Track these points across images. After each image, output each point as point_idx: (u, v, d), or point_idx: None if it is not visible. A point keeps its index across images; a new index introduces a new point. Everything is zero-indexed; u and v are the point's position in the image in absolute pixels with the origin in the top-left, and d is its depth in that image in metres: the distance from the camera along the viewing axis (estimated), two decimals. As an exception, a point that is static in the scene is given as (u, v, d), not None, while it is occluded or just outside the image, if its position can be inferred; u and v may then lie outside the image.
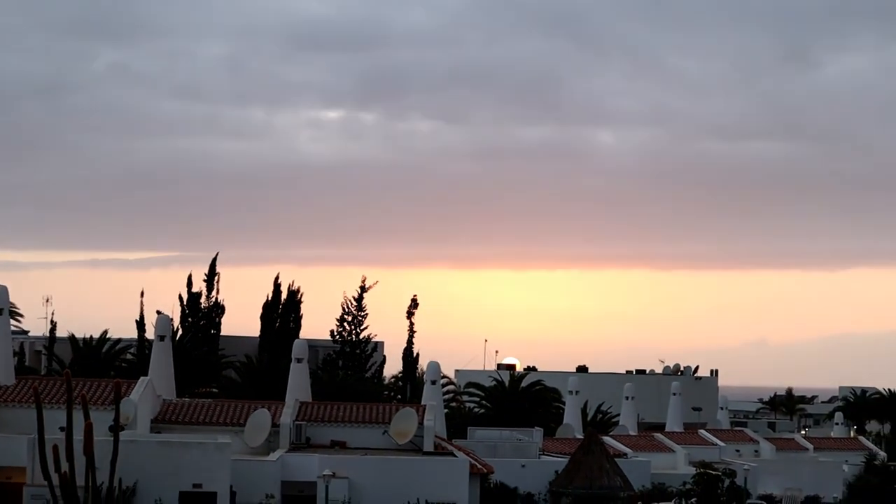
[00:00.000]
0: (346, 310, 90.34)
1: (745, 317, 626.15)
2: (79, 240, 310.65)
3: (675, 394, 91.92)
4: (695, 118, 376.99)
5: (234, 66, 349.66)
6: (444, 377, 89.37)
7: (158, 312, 72.75)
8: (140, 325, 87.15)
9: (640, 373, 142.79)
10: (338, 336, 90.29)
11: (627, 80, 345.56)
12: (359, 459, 54.14)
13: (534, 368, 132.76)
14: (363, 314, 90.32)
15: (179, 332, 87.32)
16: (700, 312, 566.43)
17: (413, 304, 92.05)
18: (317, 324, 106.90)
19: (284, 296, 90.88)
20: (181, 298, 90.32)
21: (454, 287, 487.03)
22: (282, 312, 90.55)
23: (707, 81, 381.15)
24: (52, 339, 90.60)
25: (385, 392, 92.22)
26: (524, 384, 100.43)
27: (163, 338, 64.94)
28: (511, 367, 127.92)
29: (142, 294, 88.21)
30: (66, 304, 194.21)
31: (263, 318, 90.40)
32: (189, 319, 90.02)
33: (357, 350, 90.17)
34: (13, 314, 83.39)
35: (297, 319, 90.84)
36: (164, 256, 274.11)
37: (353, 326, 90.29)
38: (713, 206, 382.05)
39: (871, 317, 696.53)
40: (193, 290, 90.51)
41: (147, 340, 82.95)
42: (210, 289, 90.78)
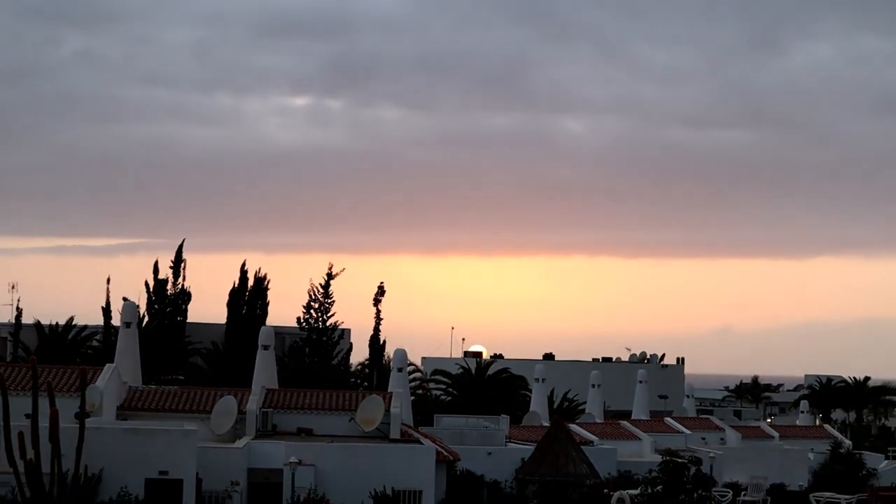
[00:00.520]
0: (313, 297, 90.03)
1: (711, 305, 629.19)
2: (45, 226, 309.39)
3: (642, 382, 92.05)
4: (661, 106, 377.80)
5: (202, 53, 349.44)
6: (411, 364, 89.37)
7: (124, 299, 72.45)
8: (106, 312, 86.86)
9: (607, 361, 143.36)
10: (304, 323, 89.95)
11: (595, 69, 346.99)
12: (325, 447, 54.05)
13: (500, 356, 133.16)
14: (330, 301, 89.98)
15: (146, 319, 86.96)
16: (666, 300, 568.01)
17: (380, 292, 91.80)
18: (283, 311, 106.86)
19: (251, 283, 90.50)
20: (147, 285, 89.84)
21: (421, 274, 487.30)
22: (248, 299, 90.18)
23: (674, 70, 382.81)
24: (18, 326, 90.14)
25: (352, 379, 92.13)
26: (491, 372, 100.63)
27: (129, 324, 64.71)
28: (478, 355, 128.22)
29: (108, 281, 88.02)
30: (32, 291, 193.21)
31: (230, 305, 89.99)
32: (155, 306, 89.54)
33: (324, 337, 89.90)
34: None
35: (264, 306, 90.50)
36: (131, 243, 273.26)
37: (320, 314, 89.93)
38: (679, 195, 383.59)
39: (837, 305, 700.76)
40: (160, 277, 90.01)
41: (113, 327, 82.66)
42: (176, 275, 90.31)
